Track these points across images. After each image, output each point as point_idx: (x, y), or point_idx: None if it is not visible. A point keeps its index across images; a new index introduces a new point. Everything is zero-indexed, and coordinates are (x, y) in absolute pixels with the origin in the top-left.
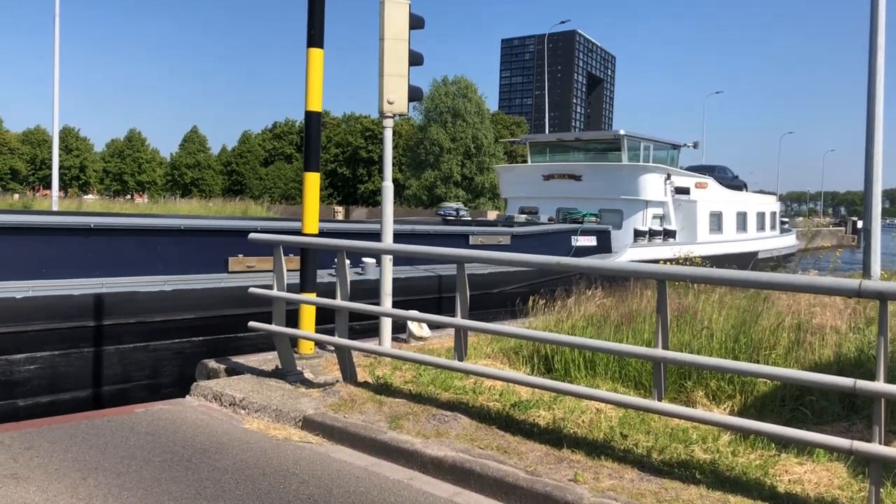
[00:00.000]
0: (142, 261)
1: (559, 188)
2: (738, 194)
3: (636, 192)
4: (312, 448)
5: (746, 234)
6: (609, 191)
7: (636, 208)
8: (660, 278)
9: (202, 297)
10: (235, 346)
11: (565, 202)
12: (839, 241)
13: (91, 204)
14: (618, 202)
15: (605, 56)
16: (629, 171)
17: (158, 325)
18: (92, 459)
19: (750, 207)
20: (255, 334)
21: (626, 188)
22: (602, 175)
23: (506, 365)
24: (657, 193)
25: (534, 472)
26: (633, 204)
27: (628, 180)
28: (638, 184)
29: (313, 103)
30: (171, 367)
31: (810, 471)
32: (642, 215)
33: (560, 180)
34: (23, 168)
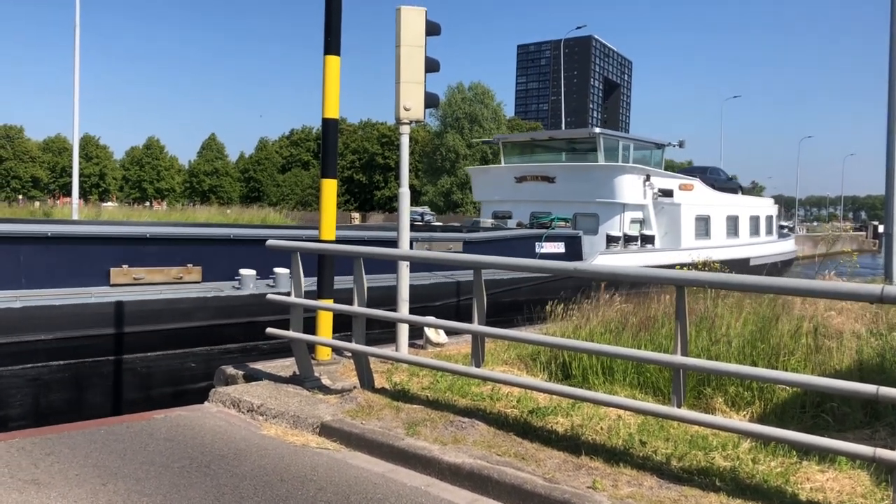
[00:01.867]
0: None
1: (532, 191)
2: (730, 197)
3: (612, 195)
4: (330, 454)
5: (738, 240)
6: (583, 193)
7: (613, 212)
8: (678, 284)
9: (65, 314)
10: (107, 371)
11: (539, 205)
12: (860, 246)
13: (110, 211)
14: (593, 205)
15: (622, 61)
16: (604, 172)
17: (2, 349)
18: (112, 465)
19: (742, 211)
20: (136, 356)
21: (602, 190)
22: (576, 176)
23: (523, 371)
24: (635, 196)
25: (552, 480)
26: (609, 207)
27: (603, 182)
28: (614, 185)
29: (330, 110)
30: (20, 397)
31: (832, 479)
32: (619, 219)
33: (533, 182)
34: (44, 176)
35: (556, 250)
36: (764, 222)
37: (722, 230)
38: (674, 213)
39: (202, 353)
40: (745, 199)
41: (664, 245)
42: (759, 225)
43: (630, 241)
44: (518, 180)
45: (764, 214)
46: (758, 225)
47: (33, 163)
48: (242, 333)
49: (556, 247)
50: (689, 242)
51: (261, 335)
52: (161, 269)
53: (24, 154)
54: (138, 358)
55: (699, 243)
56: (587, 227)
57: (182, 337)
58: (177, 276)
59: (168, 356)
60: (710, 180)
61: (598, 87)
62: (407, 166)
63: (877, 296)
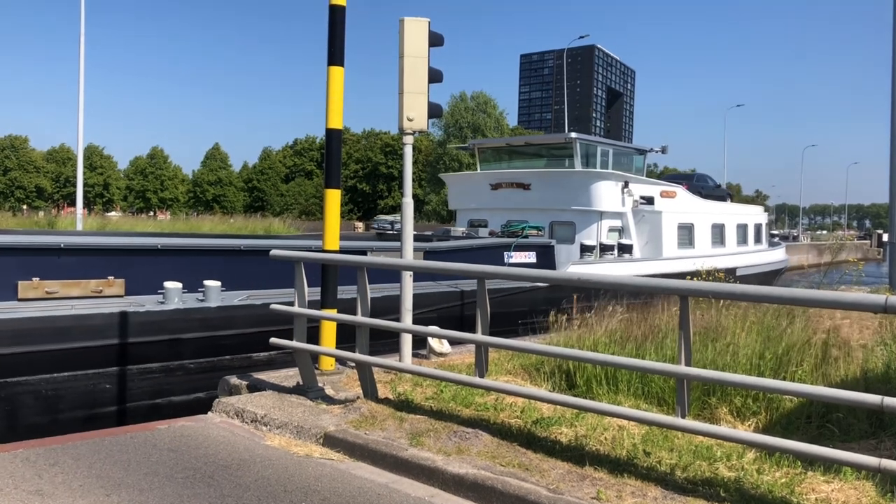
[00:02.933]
0: None
1: (508, 198)
2: (716, 204)
3: (588, 202)
4: (333, 465)
5: (724, 249)
6: (559, 201)
7: (590, 220)
8: (682, 294)
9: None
10: (5, 394)
11: (515, 213)
12: (864, 255)
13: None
14: (569, 213)
15: (625, 70)
16: (580, 179)
17: None
18: (115, 476)
19: (729, 219)
20: (41, 377)
21: (578, 198)
22: (551, 183)
23: (527, 381)
24: (613, 203)
25: (556, 490)
26: (585, 215)
27: (579, 189)
28: (590, 192)
29: (334, 120)
30: None
31: (837, 489)
32: (596, 228)
33: (508, 189)
34: (48, 186)
35: (526, 260)
36: (752, 231)
37: (706, 239)
38: (655, 221)
39: (115, 373)
40: (732, 206)
41: (645, 255)
42: (746, 233)
43: (606, 250)
44: (493, 187)
45: (752, 222)
46: (745, 233)
47: (38, 173)
48: (164, 352)
49: (526, 257)
50: (670, 252)
51: (185, 353)
52: (78, 283)
53: (28, 164)
54: (43, 379)
55: (682, 252)
56: (564, 235)
57: (93, 356)
58: (96, 290)
59: (77, 377)
60: (696, 188)
61: (601, 96)
62: (410, 176)
63: (881, 306)
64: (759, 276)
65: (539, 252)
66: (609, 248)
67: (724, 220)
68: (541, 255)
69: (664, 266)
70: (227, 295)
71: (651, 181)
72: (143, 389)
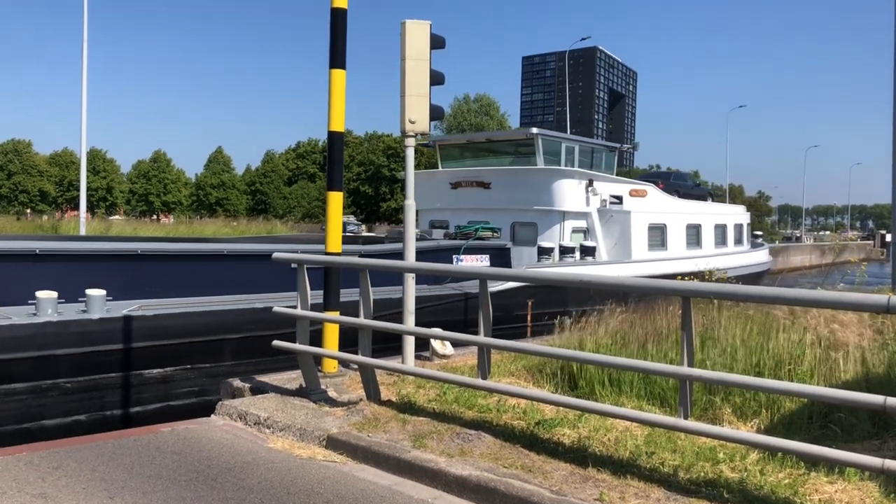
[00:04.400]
0: None
1: (468, 198)
2: (691, 204)
3: (550, 202)
4: (336, 467)
5: (700, 250)
6: (520, 200)
7: (552, 221)
8: (684, 295)
9: None
10: None
11: (476, 214)
12: (867, 255)
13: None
14: (531, 213)
15: (627, 72)
16: (541, 177)
17: None
18: (119, 479)
19: (706, 219)
20: None
21: (539, 197)
22: (512, 182)
23: (529, 383)
24: (577, 203)
25: (559, 492)
26: (547, 215)
27: (541, 187)
28: (552, 191)
29: (336, 123)
30: None
31: (841, 490)
32: (559, 229)
33: (468, 189)
34: (51, 190)
35: (478, 264)
36: (732, 231)
37: (681, 240)
38: (623, 221)
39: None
40: (710, 206)
41: (614, 257)
42: (725, 234)
43: (567, 252)
44: (453, 186)
45: (732, 223)
46: (724, 234)
47: (41, 177)
48: (34, 369)
49: (479, 260)
50: (641, 254)
51: (60, 371)
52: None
53: (32, 168)
54: None
55: (653, 255)
56: (525, 237)
57: None
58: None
59: None
60: (673, 186)
61: (603, 97)
62: (413, 178)
63: (883, 306)
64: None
65: (493, 255)
66: (570, 251)
67: (700, 220)
68: (495, 259)
69: (631, 269)
70: (115, 305)
71: (620, 179)
72: (6, 413)
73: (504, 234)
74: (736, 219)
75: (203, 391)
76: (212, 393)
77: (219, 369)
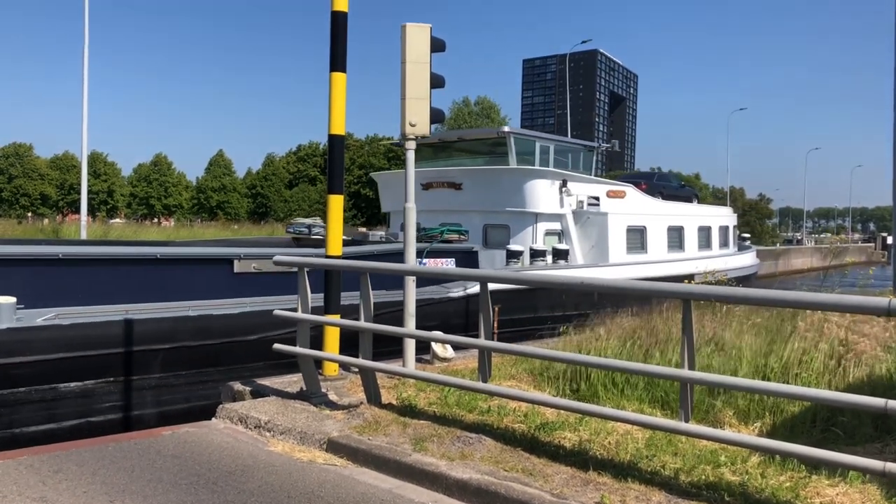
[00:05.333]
0: None
1: (440, 199)
2: (673, 205)
3: (522, 203)
4: (337, 470)
5: (683, 253)
6: (492, 202)
7: (524, 223)
8: (684, 298)
9: None
10: None
11: (447, 216)
12: (868, 258)
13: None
14: (503, 215)
15: (627, 74)
16: (513, 177)
17: None
18: (119, 482)
19: (689, 221)
20: None
21: (511, 198)
22: (483, 182)
23: (530, 386)
24: (550, 204)
25: (560, 495)
26: (520, 217)
27: (512, 188)
28: (524, 192)
29: (336, 126)
30: None
31: (842, 493)
32: (531, 231)
33: (439, 189)
34: (52, 193)
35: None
36: (717, 233)
37: (661, 242)
38: (601, 223)
39: None
40: (694, 207)
41: (591, 260)
42: (710, 237)
43: (537, 255)
44: (424, 187)
45: (717, 225)
46: (709, 237)
47: (42, 180)
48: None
49: (443, 264)
50: (619, 257)
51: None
52: None
53: (33, 171)
54: None
55: (632, 258)
56: (498, 239)
57: None
58: None
59: None
60: (657, 187)
61: (604, 100)
62: (413, 181)
63: (884, 308)
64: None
65: (460, 259)
66: (540, 254)
67: (682, 222)
68: (462, 263)
69: (606, 273)
70: (28, 314)
71: (597, 180)
72: None
73: (476, 237)
74: (721, 221)
75: (128, 406)
76: (138, 407)
77: (146, 382)
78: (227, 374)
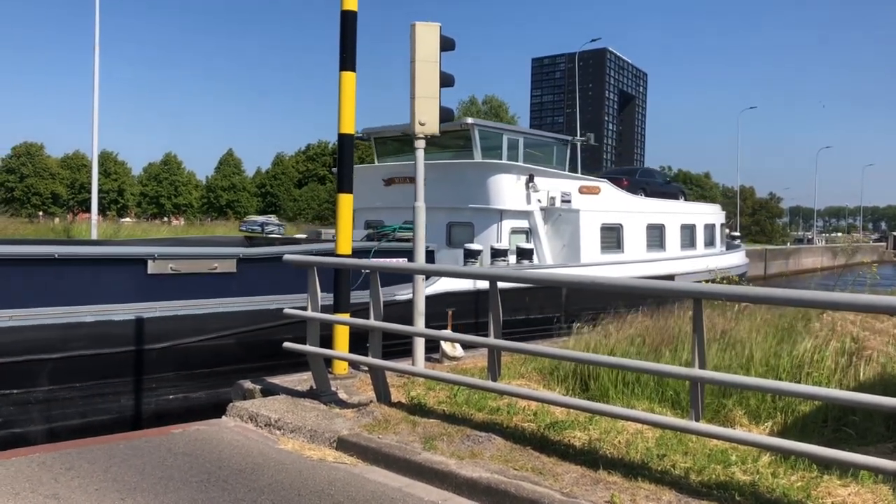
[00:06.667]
0: None
1: (402, 195)
2: (654, 202)
3: (486, 200)
4: (347, 469)
5: (664, 253)
6: (455, 198)
7: (489, 220)
8: (695, 297)
9: None
10: None
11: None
12: (880, 257)
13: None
14: (467, 212)
15: (637, 73)
16: (475, 172)
17: None
18: (131, 480)
19: (670, 219)
20: None
21: (474, 194)
22: (446, 178)
23: (540, 385)
24: (516, 201)
25: (570, 494)
26: (484, 215)
27: (475, 184)
28: (487, 188)
29: (346, 125)
30: None
31: (854, 493)
32: (496, 229)
33: (401, 185)
34: (63, 192)
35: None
36: (703, 232)
37: (640, 241)
38: (573, 221)
39: None
40: (677, 204)
41: (562, 260)
42: (694, 235)
43: (499, 255)
44: (386, 183)
45: (702, 223)
46: (693, 235)
47: (53, 179)
48: None
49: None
50: (592, 256)
51: None
52: None
53: (44, 171)
54: None
55: (607, 257)
56: (462, 238)
57: None
58: None
59: None
60: (639, 183)
61: (614, 99)
62: (423, 180)
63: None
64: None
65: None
66: (502, 254)
67: (663, 220)
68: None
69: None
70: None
71: (570, 175)
72: None
73: (440, 235)
74: (707, 218)
75: (8, 422)
76: (21, 424)
77: (31, 396)
78: (132, 386)
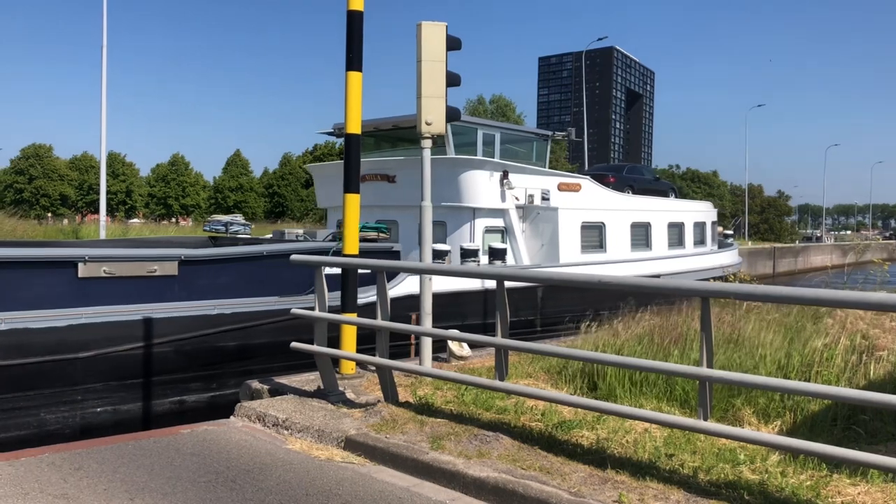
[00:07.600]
0: None
1: (373, 193)
2: (638, 200)
3: (458, 197)
4: (355, 468)
5: (650, 252)
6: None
7: (461, 219)
8: (703, 296)
9: None
10: None
11: (383, 211)
12: (889, 255)
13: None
14: (439, 210)
15: (644, 71)
16: (446, 168)
17: None
18: (139, 480)
19: (658, 217)
20: None
21: (446, 192)
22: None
23: (548, 384)
24: (490, 199)
25: (578, 494)
26: (456, 213)
27: (446, 181)
28: (458, 185)
29: (352, 125)
30: None
31: (864, 492)
32: (469, 228)
33: (372, 182)
34: (72, 193)
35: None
36: (691, 230)
37: (624, 240)
38: (550, 220)
39: None
40: (665, 202)
41: (539, 260)
42: (683, 234)
43: (469, 255)
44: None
45: (692, 221)
46: (681, 234)
47: (61, 181)
48: None
49: None
50: (572, 256)
51: None
52: None
53: (52, 172)
54: None
55: (588, 257)
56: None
57: None
58: None
59: None
60: (627, 181)
61: (621, 97)
62: (429, 180)
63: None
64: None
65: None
66: (472, 254)
67: (649, 218)
68: None
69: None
70: None
71: (549, 172)
72: None
73: (412, 235)
74: (696, 217)
75: None
76: None
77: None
78: (52, 399)
